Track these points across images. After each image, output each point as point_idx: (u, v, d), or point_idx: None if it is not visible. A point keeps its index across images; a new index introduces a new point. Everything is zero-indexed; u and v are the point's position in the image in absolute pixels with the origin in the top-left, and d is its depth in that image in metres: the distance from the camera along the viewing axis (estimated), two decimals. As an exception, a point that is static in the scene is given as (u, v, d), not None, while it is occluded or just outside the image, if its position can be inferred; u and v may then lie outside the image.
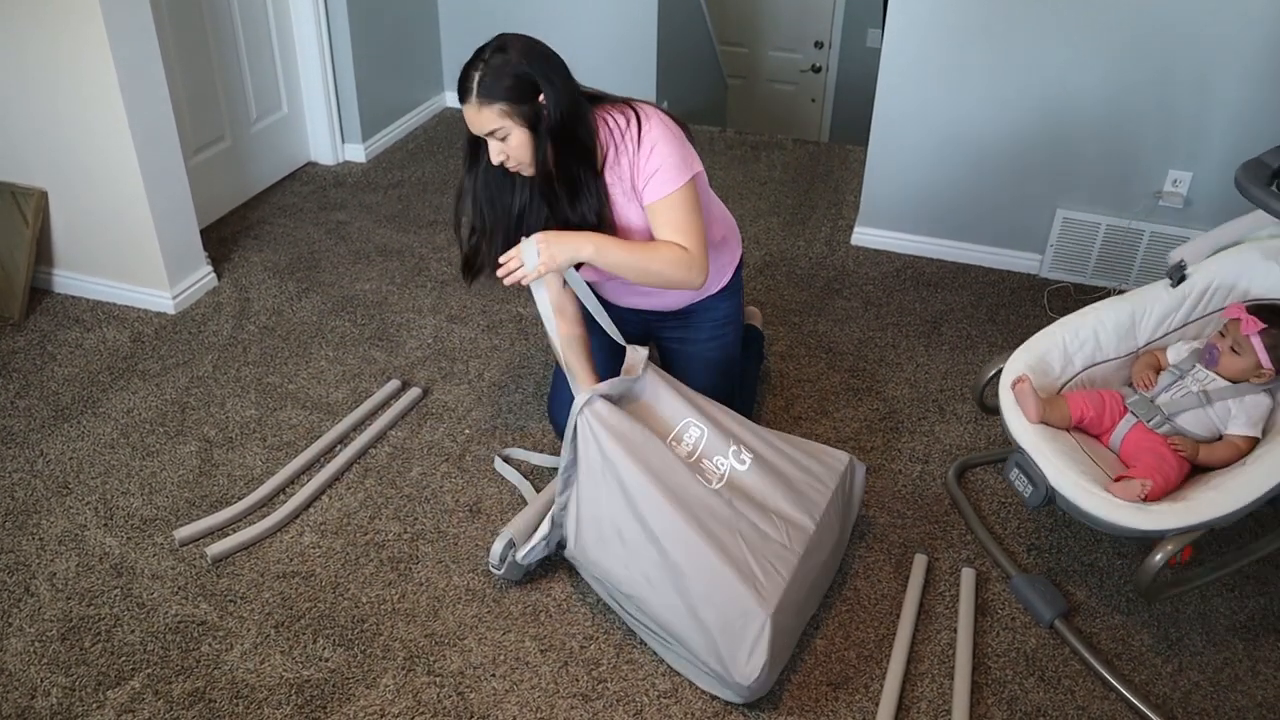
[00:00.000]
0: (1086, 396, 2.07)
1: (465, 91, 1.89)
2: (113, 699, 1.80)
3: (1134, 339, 2.17)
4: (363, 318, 2.92)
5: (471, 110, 1.90)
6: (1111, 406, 2.07)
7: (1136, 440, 2.02)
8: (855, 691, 1.85)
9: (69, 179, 2.79)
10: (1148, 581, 1.81)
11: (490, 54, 1.89)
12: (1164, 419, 2.02)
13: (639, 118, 2.01)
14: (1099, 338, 2.15)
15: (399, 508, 2.24)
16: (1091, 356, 2.16)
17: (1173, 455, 1.97)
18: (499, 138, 1.92)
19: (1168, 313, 2.16)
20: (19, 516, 2.20)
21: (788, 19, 5.67)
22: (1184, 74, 2.83)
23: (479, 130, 1.93)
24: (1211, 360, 2.03)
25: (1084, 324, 2.15)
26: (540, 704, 1.81)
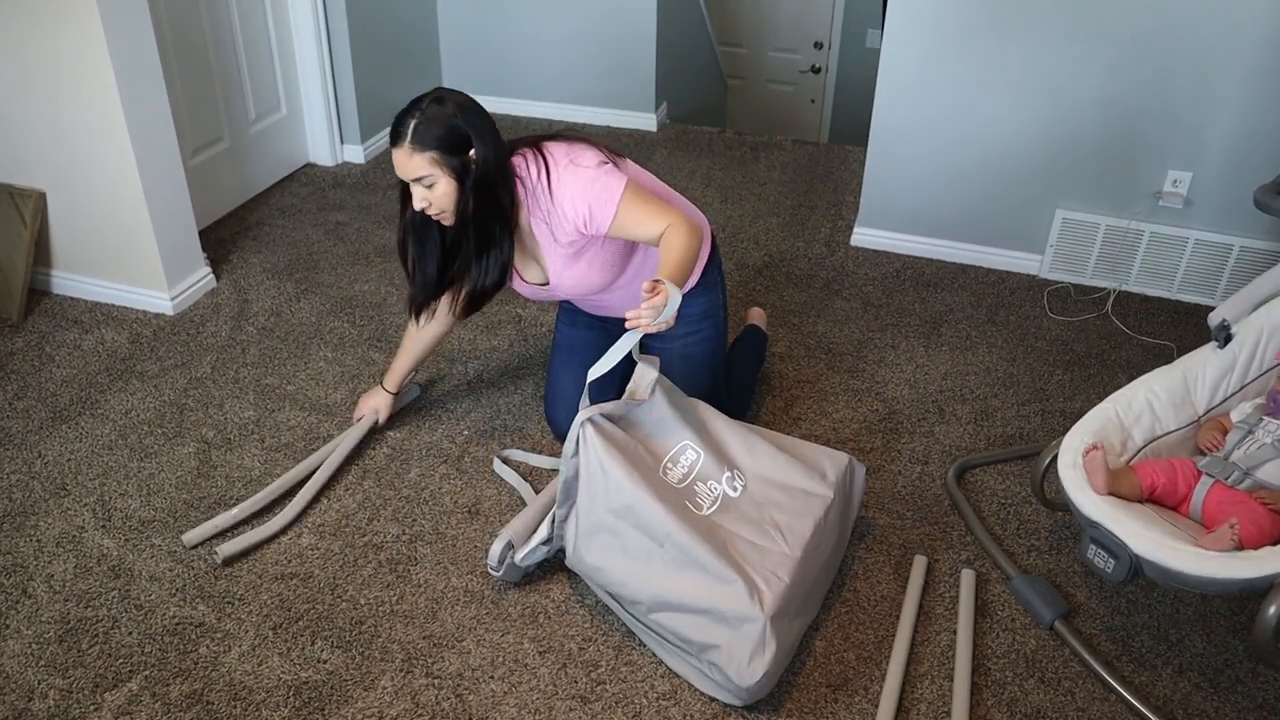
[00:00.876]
0: (1155, 465, 1.95)
1: (398, 136, 1.93)
2: (110, 701, 1.80)
3: (1191, 406, 2.07)
4: (361, 319, 2.92)
5: (403, 155, 1.94)
6: (1184, 472, 1.94)
7: (1219, 501, 1.88)
8: (855, 693, 1.85)
9: (67, 180, 2.78)
10: (1267, 640, 1.62)
11: (427, 104, 1.94)
12: (1243, 474, 1.90)
13: (545, 164, 2.03)
14: (1154, 408, 2.04)
15: (397, 509, 2.24)
16: (1150, 430, 2.04)
17: (1262, 508, 1.84)
18: (425, 185, 1.97)
19: (1222, 375, 2.08)
20: (17, 518, 2.19)
21: (787, 20, 5.67)
22: (1184, 74, 2.83)
23: (406, 175, 1.97)
24: (1277, 408, 1.95)
25: (1136, 396, 2.04)
26: (539, 705, 1.81)
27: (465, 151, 1.96)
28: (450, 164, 1.95)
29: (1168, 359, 2.78)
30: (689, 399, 2.12)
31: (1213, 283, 3.06)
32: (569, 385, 2.34)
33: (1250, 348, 2.08)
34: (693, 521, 1.87)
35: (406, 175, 1.97)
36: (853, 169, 3.90)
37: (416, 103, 1.96)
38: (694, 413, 2.09)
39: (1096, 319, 3.00)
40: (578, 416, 1.93)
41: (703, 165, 3.92)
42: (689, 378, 2.24)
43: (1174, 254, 3.06)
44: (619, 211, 2.00)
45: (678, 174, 3.85)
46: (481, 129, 1.97)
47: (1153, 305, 3.08)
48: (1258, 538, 1.77)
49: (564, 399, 2.36)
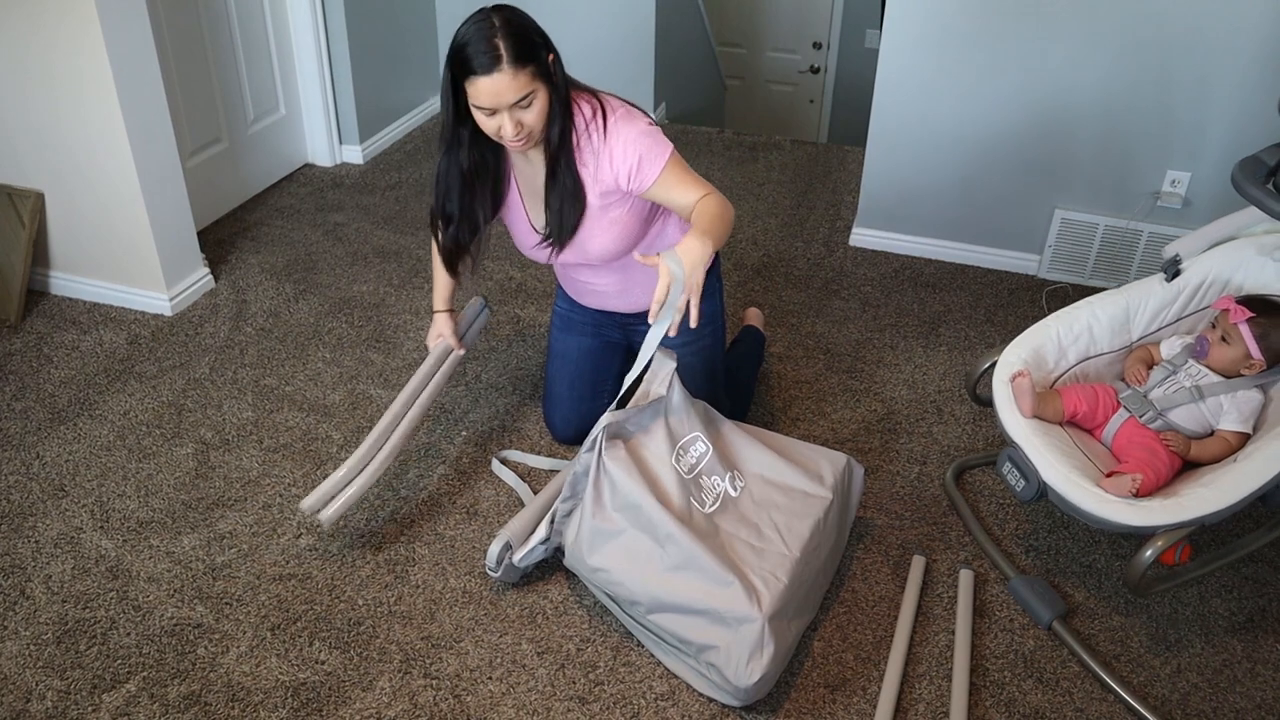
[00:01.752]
0: (1080, 391, 2.08)
1: (494, 60, 1.77)
2: (108, 702, 1.80)
3: (1128, 333, 2.18)
4: (360, 319, 2.92)
5: (504, 79, 1.78)
6: (1105, 401, 2.08)
7: (1129, 435, 2.03)
8: (853, 694, 1.85)
9: (66, 181, 2.78)
10: (1138, 577, 1.82)
11: (496, 20, 1.79)
12: (1156, 414, 2.03)
13: (603, 108, 1.98)
14: (1093, 331, 2.16)
15: (395, 510, 2.24)
16: (1085, 350, 2.17)
17: (1165, 451, 1.97)
18: (524, 105, 1.83)
19: (1162, 307, 2.17)
20: (15, 519, 2.19)
21: (786, 20, 5.67)
22: (1182, 74, 2.83)
23: (506, 100, 1.81)
24: (1202, 352, 2.03)
25: (1078, 317, 2.16)
26: (537, 706, 1.81)
27: (548, 56, 1.85)
28: (544, 73, 1.83)
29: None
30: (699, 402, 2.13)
31: (1211, 283, 3.06)
32: (565, 391, 2.34)
33: (1194, 286, 2.17)
34: (695, 521, 1.87)
35: (507, 100, 1.80)
36: (851, 169, 3.90)
37: (484, 22, 1.79)
38: (706, 409, 2.10)
39: (1095, 319, 3.00)
40: (601, 419, 1.93)
41: (701, 165, 3.92)
42: (689, 385, 2.23)
43: (1172, 254, 3.06)
44: (666, 168, 1.96)
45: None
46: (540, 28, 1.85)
47: (1151, 305, 3.08)
48: (1154, 484, 1.91)
49: (561, 404, 2.36)
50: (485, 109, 1.84)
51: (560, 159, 1.97)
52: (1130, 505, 1.82)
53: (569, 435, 2.39)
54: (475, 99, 1.83)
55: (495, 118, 1.85)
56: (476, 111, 1.86)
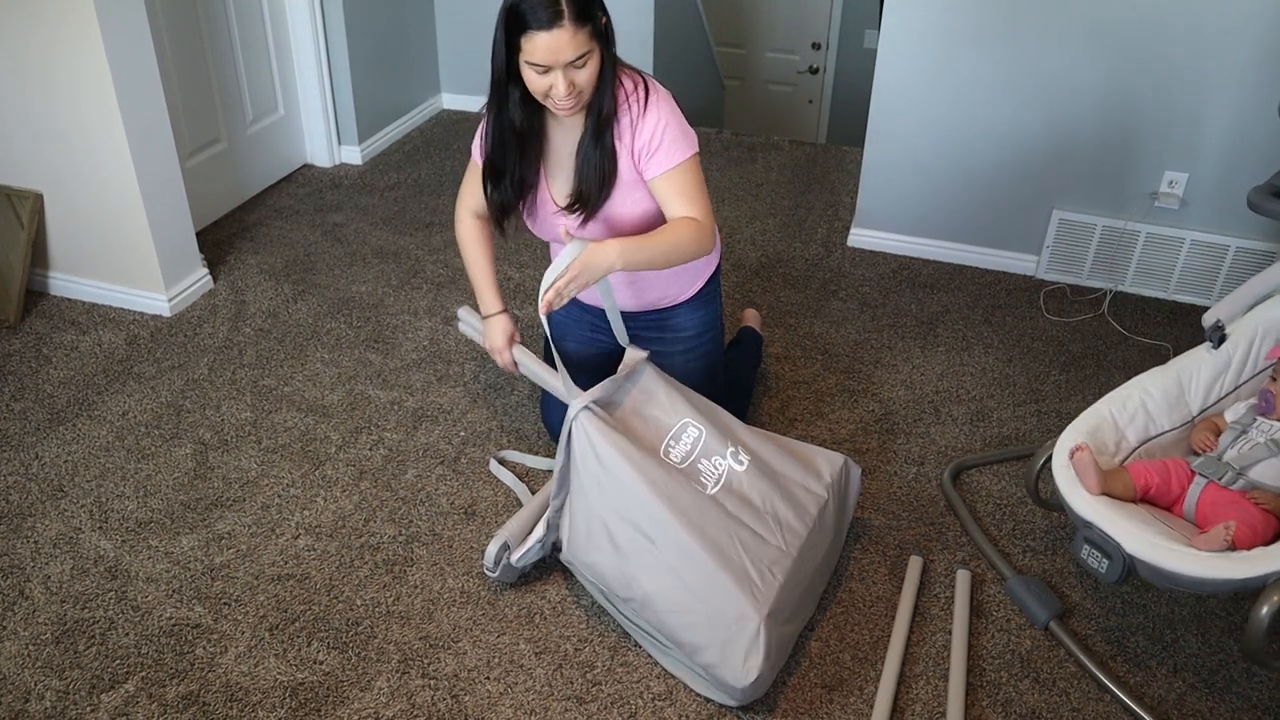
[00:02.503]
0: (1149, 465, 1.95)
1: (556, 15, 1.73)
2: (106, 702, 1.80)
3: (1186, 408, 2.07)
4: (359, 320, 2.92)
5: (564, 35, 1.74)
6: (1177, 472, 1.94)
7: (1213, 501, 1.89)
8: (850, 693, 1.85)
9: (65, 181, 2.79)
10: (1259, 640, 1.63)
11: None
12: (1236, 474, 1.90)
13: (646, 84, 1.97)
14: (1148, 409, 2.04)
15: (394, 510, 2.24)
16: (1145, 430, 2.04)
17: (1256, 508, 1.84)
18: (579, 65, 1.80)
19: (1216, 375, 2.08)
20: (13, 519, 2.19)
21: (785, 20, 5.67)
22: (1180, 75, 2.83)
23: (564, 58, 1.77)
24: (1269, 407, 1.95)
25: (1130, 396, 2.04)
26: (534, 706, 1.81)
27: (603, 18, 1.83)
28: (599, 34, 1.80)
29: (1163, 359, 2.78)
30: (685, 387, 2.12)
31: (1209, 283, 3.06)
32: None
33: (1244, 348, 2.08)
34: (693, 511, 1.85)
35: (565, 57, 1.77)
36: (850, 170, 3.91)
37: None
38: (693, 397, 2.09)
39: (1092, 319, 3.01)
40: (571, 406, 1.92)
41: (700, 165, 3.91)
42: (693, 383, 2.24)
43: (1170, 255, 3.06)
44: (681, 167, 1.95)
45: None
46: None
47: (1149, 306, 3.09)
48: (1251, 538, 1.77)
49: (559, 406, 2.35)
50: (540, 65, 1.80)
51: (603, 124, 1.94)
52: (1230, 558, 1.68)
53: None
54: (531, 55, 1.79)
55: (548, 76, 1.81)
56: (528, 70, 1.82)
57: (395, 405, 2.57)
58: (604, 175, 1.98)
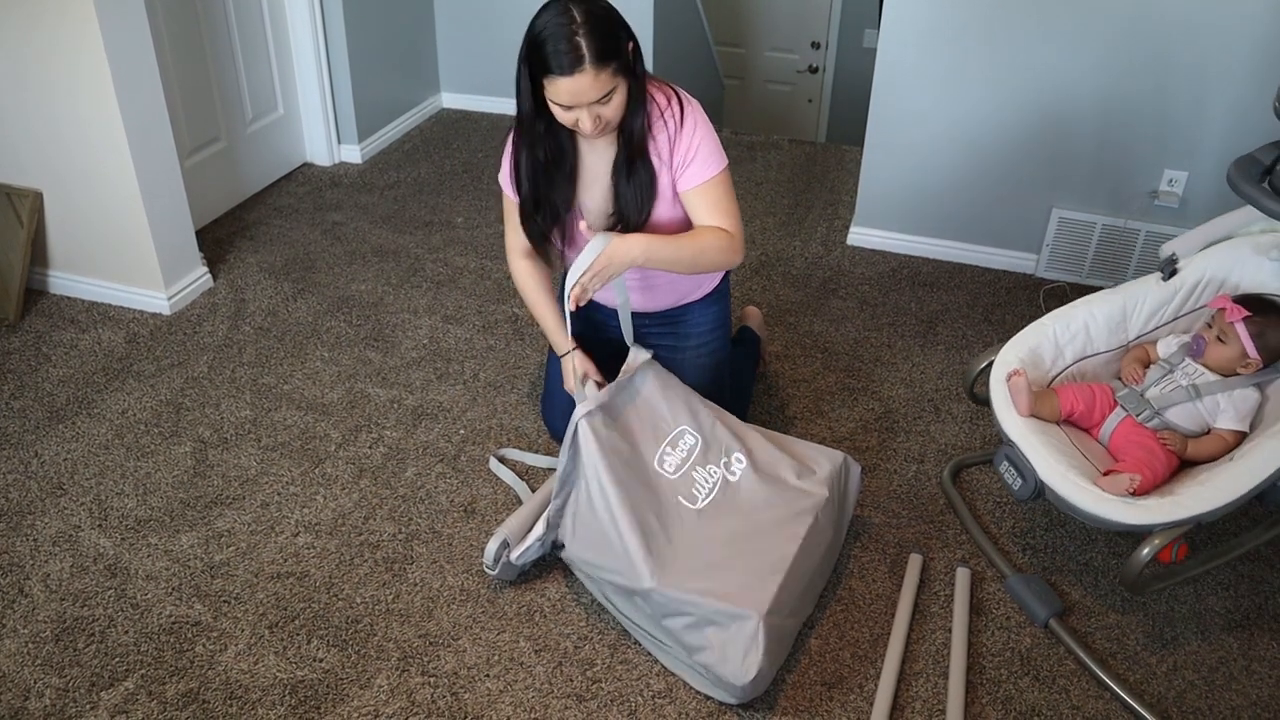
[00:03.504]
0: (1077, 390, 2.08)
1: (576, 60, 1.72)
2: (106, 700, 1.80)
3: (1125, 332, 2.18)
4: (358, 318, 2.92)
5: (585, 79, 1.74)
6: (1101, 400, 2.07)
7: (1126, 434, 2.02)
8: (850, 691, 1.85)
9: (64, 180, 2.79)
10: (1134, 575, 1.82)
11: (576, 12, 1.74)
12: (1153, 413, 2.02)
13: (680, 98, 1.98)
14: (1090, 331, 2.16)
15: (394, 508, 2.24)
16: (1082, 349, 2.17)
17: (1162, 450, 1.97)
18: (604, 102, 1.80)
19: (1158, 306, 2.17)
20: (13, 517, 2.19)
21: (784, 19, 5.67)
22: (1180, 73, 2.83)
23: (588, 99, 1.77)
24: (1198, 351, 2.03)
25: (1075, 316, 2.16)
26: (534, 704, 1.81)
27: (629, 47, 1.81)
28: (625, 67, 1.79)
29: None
30: (686, 388, 2.13)
31: (1208, 282, 3.06)
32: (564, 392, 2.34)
33: (1191, 285, 2.16)
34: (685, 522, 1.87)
35: (588, 98, 1.77)
36: (849, 168, 3.91)
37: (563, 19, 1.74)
38: (693, 400, 2.10)
39: (1092, 318, 3.00)
40: (576, 410, 1.93)
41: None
42: (699, 387, 2.25)
43: (1170, 253, 3.06)
44: (716, 179, 1.97)
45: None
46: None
47: (1148, 304, 3.08)
48: (1151, 483, 1.91)
49: (560, 404, 2.36)
50: (565, 106, 1.81)
51: (636, 147, 1.94)
52: (1127, 504, 1.82)
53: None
54: (554, 96, 1.80)
55: (573, 112, 1.82)
56: (554, 105, 1.84)
57: (395, 403, 2.57)
58: (643, 196, 2.00)
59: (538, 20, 1.79)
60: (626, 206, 2.01)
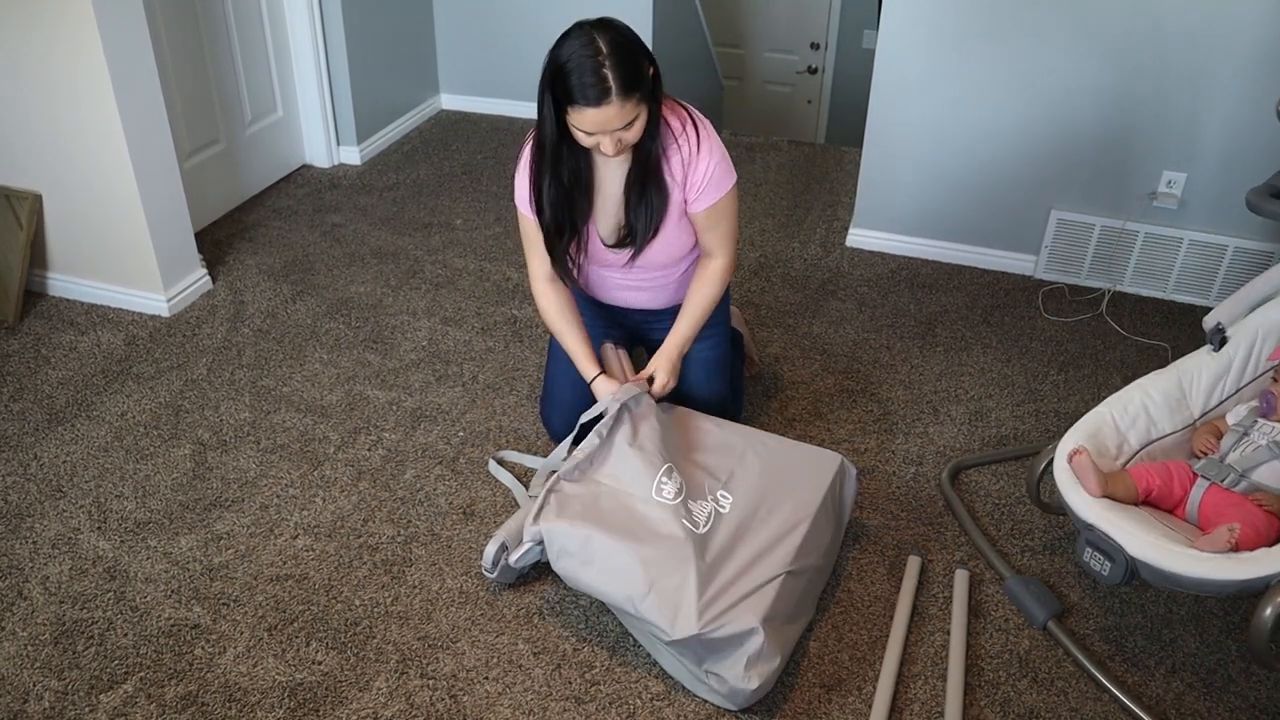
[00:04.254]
0: (1151, 468, 1.95)
1: (601, 93, 1.74)
2: (105, 702, 1.80)
3: (1188, 410, 2.06)
4: (357, 320, 2.92)
5: (611, 109, 1.76)
6: (1180, 475, 1.93)
7: (1215, 503, 1.88)
8: (848, 693, 1.85)
9: (63, 182, 2.79)
10: (1263, 641, 1.63)
11: (601, 42, 1.75)
12: (1239, 476, 1.89)
13: (694, 120, 2.01)
14: (1149, 412, 2.03)
15: (392, 510, 2.24)
16: (1146, 433, 2.03)
17: (1258, 509, 1.83)
18: (628, 127, 1.82)
19: (1217, 378, 2.08)
20: (12, 520, 2.19)
21: (784, 20, 5.67)
22: (1178, 75, 2.83)
23: (613, 126, 1.79)
24: (1270, 409, 1.95)
25: (1131, 398, 2.04)
26: (533, 706, 1.81)
27: (650, 73, 1.83)
28: (647, 94, 1.81)
29: (1162, 359, 2.79)
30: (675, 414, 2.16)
31: (1207, 283, 3.06)
32: (566, 392, 2.34)
33: (1245, 351, 2.08)
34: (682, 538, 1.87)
35: (613, 126, 1.79)
36: (848, 170, 3.91)
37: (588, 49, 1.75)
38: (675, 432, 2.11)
39: (1091, 319, 3.01)
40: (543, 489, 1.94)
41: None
42: (707, 382, 2.27)
43: (1168, 255, 3.06)
44: (726, 197, 2.03)
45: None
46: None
47: (1147, 306, 3.09)
48: (1255, 540, 1.76)
49: (561, 406, 2.36)
50: (589, 133, 1.83)
51: (651, 167, 1.97)
52: (1233, 559, 1.67)
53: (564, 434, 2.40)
54: (579, 125, 1.82)
55: (595, 137, 1.84)
56: (576, 130, 1.85)
57: (394, 405, 2.57)
58: (654, 214, 2.03)
59: (562, 49, 1.79)
60: (636, 223, 2.05)
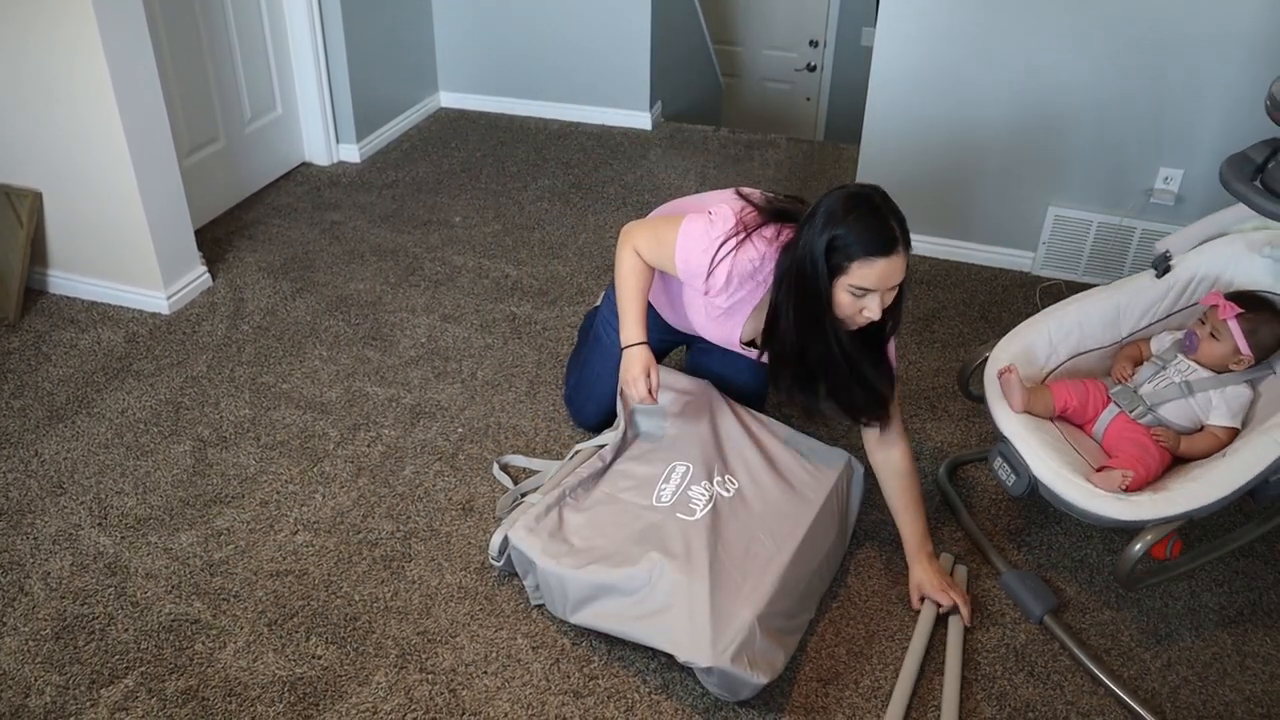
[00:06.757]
0: (1070, 386, 2.09)
1: (891, 243, 1.78)
2: (106, 697, 1.81)
3: (1118, 329, 2.19)
4: (357, 317, 2.93)
5: (898, 260, 1.79)
6: (1095, 397, 2.09)
7: (1119, 431, 2.04)
8: (845, 687, 1.86)
9: (63, 180, 2.79)
10: (1126, 571, 1.84)
11: (892, 215, 1.81)
12: (1146, 409, 2.04)
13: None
14: (1084, 328, 2.17)
15: (392, 506, 2.25)
16: (1076, 346, 2.17)
17: (1155, 446, 1.99)
18: (894, 288, 1.83)
19: (1152, 304, 2.18)
20: (13, 516, 2.20)
21: (782, 17, 5.68)
22: (1175, 71, 2.84)
23: (892, 282, 1.81)
24: (1191, 347, 2.04)
25: (1069, 314, 2.17)
26: (532, 700, 1.82)
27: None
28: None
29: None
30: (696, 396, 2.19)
31: (1204, 279, 3.07)
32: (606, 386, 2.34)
33: (1184, 282, 2.17)
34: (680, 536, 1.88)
35: (892, 281, 1.81)
36: (847, 166, 3.91)
37: (875, 205, 1.81)
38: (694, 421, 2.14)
39: (1088, 316, 3.01)
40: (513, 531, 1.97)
41: (697, 163, 3.93)
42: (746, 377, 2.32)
43: (1165, 251, 3.07)
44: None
45: (672, 172, 3.86)
46: None
47: (1145, 302, 3.09)
48: (1144, 479, 1.92)
49: (600, 398, 2.37)
50: (868, 289, 1.81)
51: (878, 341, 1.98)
52: (1120, 500, 1.83)
53: (600, 425, 2.41)
54: (863, 281, 1.80)
55: (865, 298, 1.82)
56: (845, 290, 1.83)
57: (393, 402, 2.58)
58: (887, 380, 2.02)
59: (839, 207, 1.83)
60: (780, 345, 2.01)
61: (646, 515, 1.97)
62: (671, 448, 2.12)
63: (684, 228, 2.01)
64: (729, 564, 1.84)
